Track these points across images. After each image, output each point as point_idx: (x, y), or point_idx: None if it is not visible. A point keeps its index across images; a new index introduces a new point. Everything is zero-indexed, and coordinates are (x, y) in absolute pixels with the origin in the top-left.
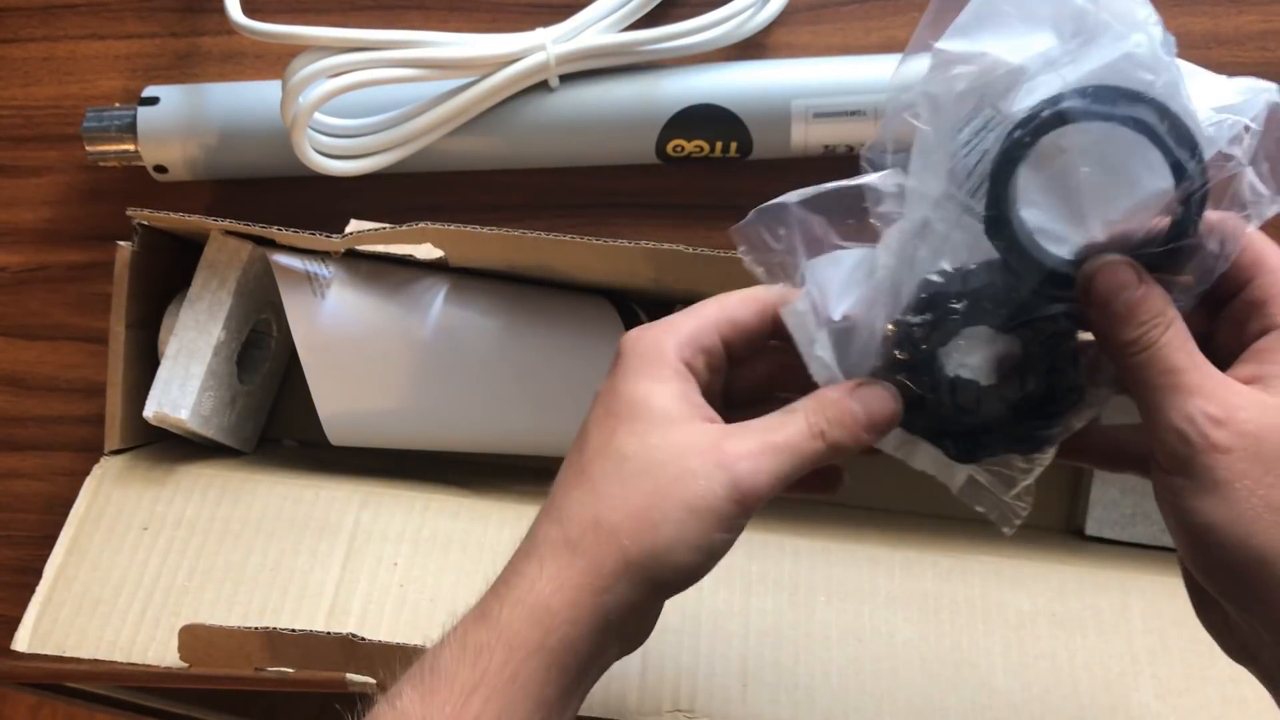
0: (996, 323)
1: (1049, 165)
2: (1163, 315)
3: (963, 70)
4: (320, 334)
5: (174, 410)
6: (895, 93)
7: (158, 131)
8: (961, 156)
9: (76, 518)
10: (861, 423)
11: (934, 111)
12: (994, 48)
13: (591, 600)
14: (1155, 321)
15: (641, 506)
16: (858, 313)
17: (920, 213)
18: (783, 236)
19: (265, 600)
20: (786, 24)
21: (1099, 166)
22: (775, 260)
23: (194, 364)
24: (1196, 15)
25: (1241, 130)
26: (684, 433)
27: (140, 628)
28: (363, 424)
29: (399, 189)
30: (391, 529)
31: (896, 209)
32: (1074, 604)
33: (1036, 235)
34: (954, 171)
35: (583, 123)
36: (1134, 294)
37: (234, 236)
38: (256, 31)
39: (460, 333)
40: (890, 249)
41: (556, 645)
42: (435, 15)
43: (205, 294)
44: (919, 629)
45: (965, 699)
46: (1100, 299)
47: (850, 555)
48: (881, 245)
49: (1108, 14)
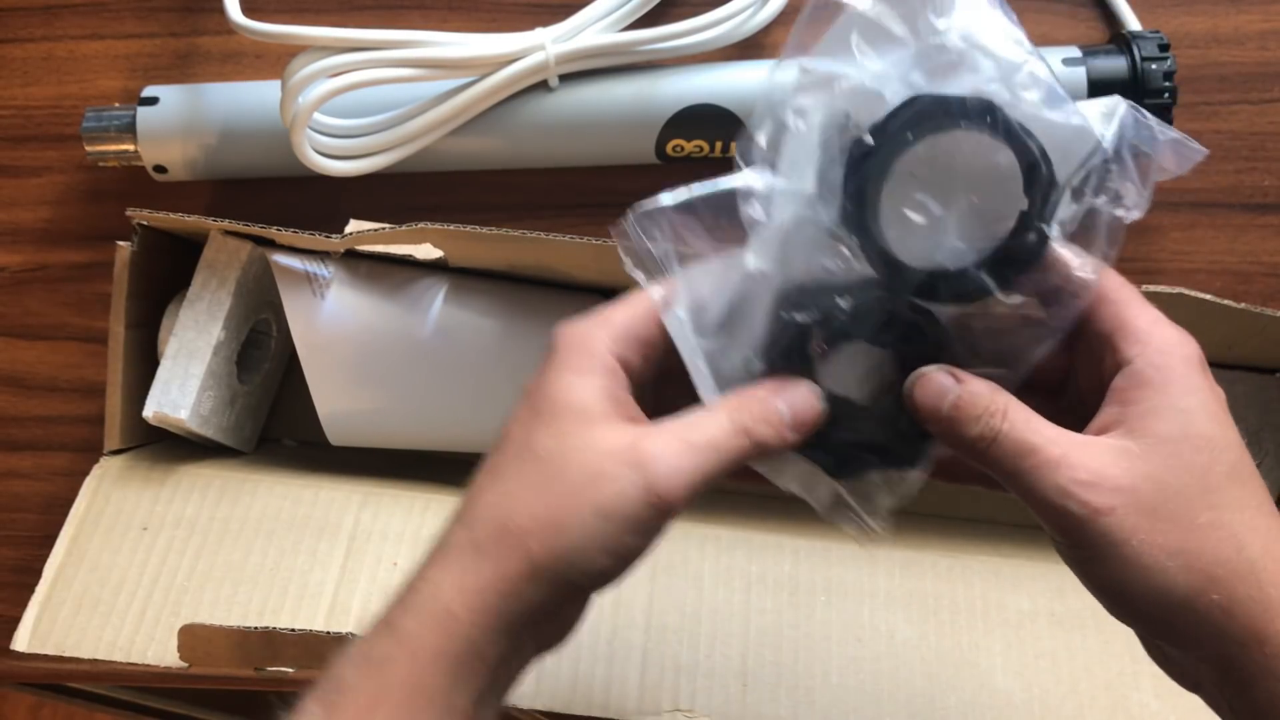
0: (868, 335)
1: (906, 172)
2: (992, 404)
3: (824, 86)
4: (320, 334)
5: (173, 410)
6: (767, 95)
7: (157, 131)
8: (825, 162)
9: (76, 518)
10: (787, 421)
11: (801, 117)
12: (855, 72)
13: (498, 603)
14: (989, 412)
15: (551, 510)
16: (731, 321)
17: (789, 215)
18: (658, 239)
19: (265, 600)
20: (786, 24)
21: (951, 171)
22: (653, 263)
23: (193, 364)
24: (1196, 15)
25: (1097, 142)
26: (602, 432)
27: (140, 627)
28: (362, 424)
29: (399, 189)
30: (391, 529)
31: (764, 212)
32: (1073, 604)
33: (896, 243)
34: (821, 176)
35: (582, 123)
36: (955, 395)
37: (234, 237)
38: (256, 31)
39: (460, 333)
40: (759, 253)
41: (461, 651)
42: (435, 15)
43: (205, 294)
44: (919, 629)
45: (965, 698)
46: (928, 412)
47: (850, 555)
48: (750, 249)
49: (965, 45)
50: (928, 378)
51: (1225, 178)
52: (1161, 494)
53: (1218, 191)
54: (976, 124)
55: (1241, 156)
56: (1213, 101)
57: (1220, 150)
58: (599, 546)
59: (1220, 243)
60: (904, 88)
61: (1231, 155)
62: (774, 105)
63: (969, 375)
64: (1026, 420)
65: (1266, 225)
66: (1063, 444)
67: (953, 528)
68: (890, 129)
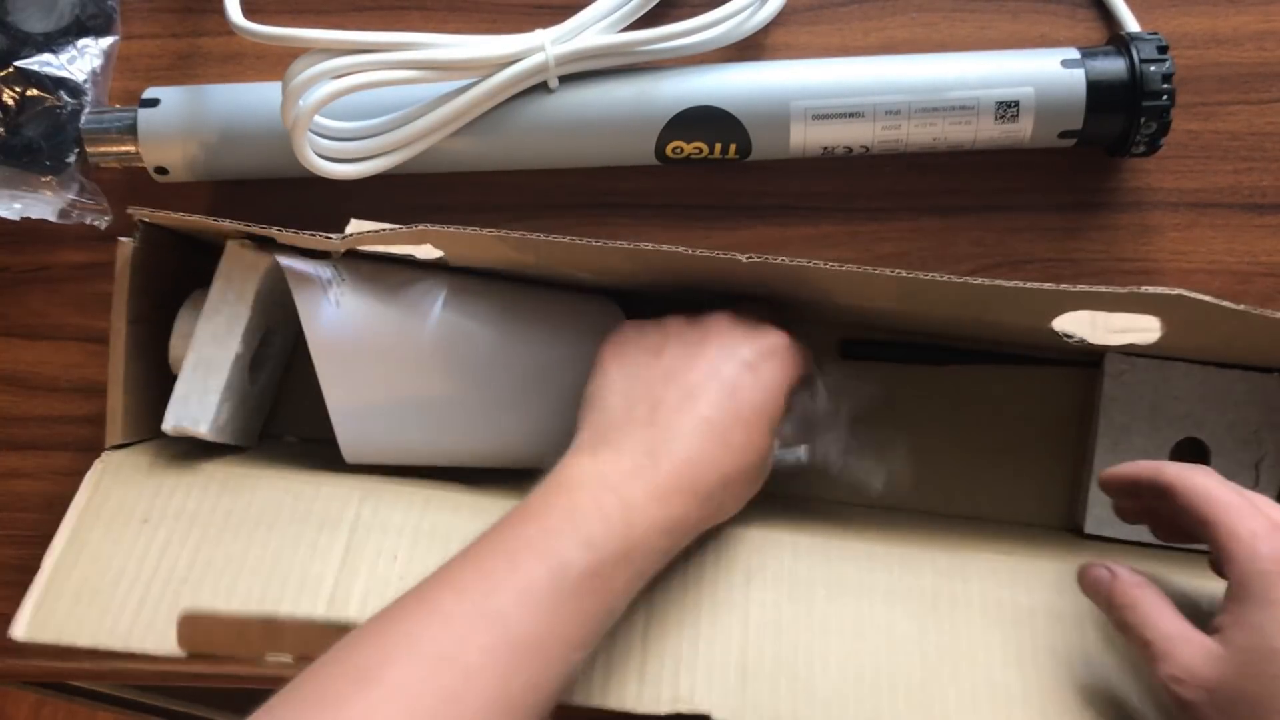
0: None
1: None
2: (1125, 598)
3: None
4: (336, 342)
5: (194, 425)
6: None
7: (158, 133)
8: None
9: (77, 510)
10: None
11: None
12: None
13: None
14: (1124, 606)
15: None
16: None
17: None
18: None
19: (265, 592)
20: (785, 24)
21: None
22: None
23: (212, 378)
24: (1194, 15)
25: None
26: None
27: (139, 616)
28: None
29: (399, 189)
30: (392, 523)
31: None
32: (1072, 600)
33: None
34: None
35: (582, 124)
36: (1106, 588)
37: (250, 249)
38: (256, 34)
39: (462, 336)
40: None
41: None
42: (435, 16)
43: (223, 307)
44: (918, 624)
45: (963, 693)
46: (1089, 593)
47: (850, 551)
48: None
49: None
50: (1089, 568)
51: (1224, 178)
52: (1238, 697)
53: (1216, 192)
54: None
55: (1240, 157)
56: (1211, 102)
57: (1219, 151)
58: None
59: (1219, 243)
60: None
61: (1230, 155)
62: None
63: (1120, 569)
64: (1147, 615)
65: (1265, 225)
66: (1172, 640)
67: (952, 524)
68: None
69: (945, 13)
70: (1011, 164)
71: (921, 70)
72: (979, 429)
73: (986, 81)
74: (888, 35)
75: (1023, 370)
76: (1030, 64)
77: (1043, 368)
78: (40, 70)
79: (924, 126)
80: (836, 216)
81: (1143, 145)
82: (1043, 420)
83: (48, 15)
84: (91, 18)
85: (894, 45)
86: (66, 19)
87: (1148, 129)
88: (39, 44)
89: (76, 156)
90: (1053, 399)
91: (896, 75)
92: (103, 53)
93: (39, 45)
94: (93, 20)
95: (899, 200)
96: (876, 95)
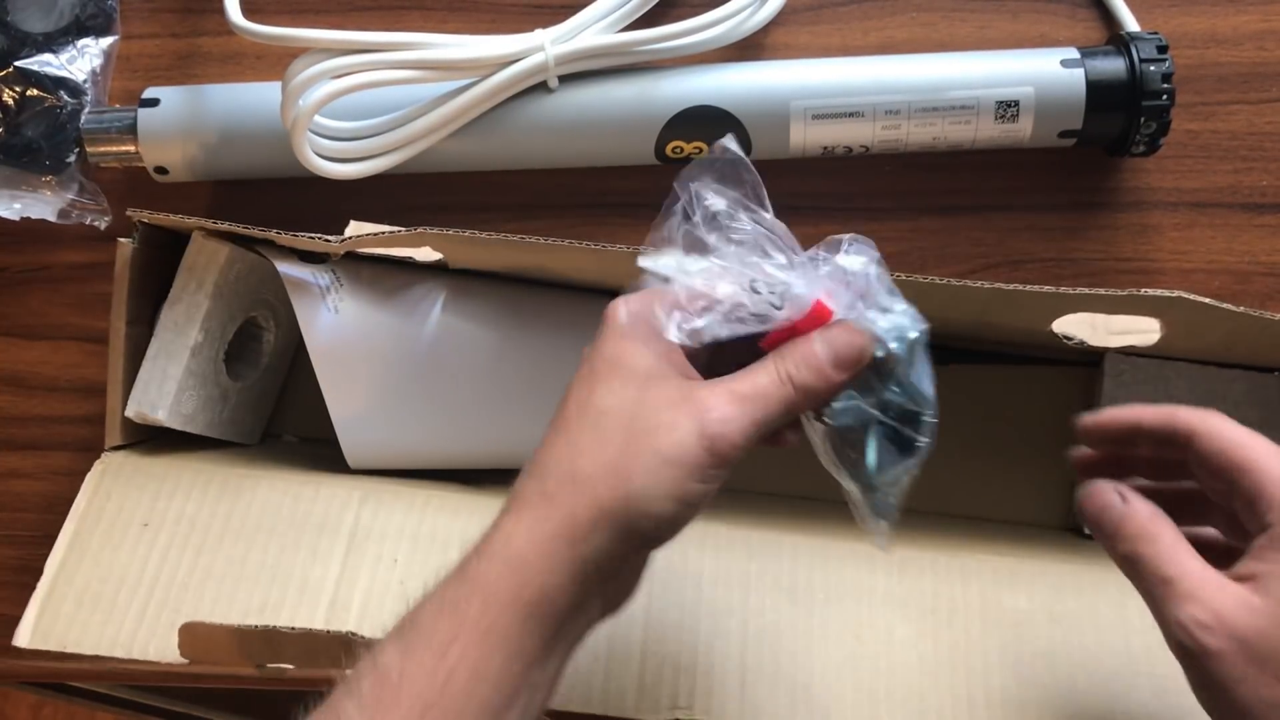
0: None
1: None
2: (1144, 530)
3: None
4: (336, 349)
5: (151, 410)
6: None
7: (158, 133)
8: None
9: (77, 513)
10: (827, 359)
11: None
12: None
13: (568, 550)
14: (1141, 537)
15: (617, 457)
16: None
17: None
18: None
19: (265, 597)
20: (784, 24)
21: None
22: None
23: (171, 365)
24: (1194, 15)
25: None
26: (659, 387)
27: (141, 624)
28: (379, 441)
29: (399, 190)
30: (391, 526)
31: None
32: (1071, 603)
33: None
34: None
35: (582, 124)
36: (1119, 513)
37: (213, 239)
38: (256, 34)
39: (461, 338)
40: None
41: (532, 596)
42: (435, 16)
43: (184, 296)
44: (917, 627)
45: (962, 697)
46: (1091, 520)
47: (849, 553)
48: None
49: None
50: (1098, 489)
51: (1223, 178)
52: (1272, 649)
53: (1216, 191)
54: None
55: (1239, 156)
56: (1211, 102)
57: (1218, 150)
58: (664, 492)
59: (1218, 242)
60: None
61: (1230, 155)
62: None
63: (1134, 495)
64: (1173, 550)
65: (1264, 225)
66: (1198, 581)
67: (951, 526)
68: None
69: (945, 13)
70: (1011, 164)
71: (921, 70)
72: (979, 429)
73: (986, 81)
74: (887, 35)
75: (1023, 370)
76: (1030, 64)
77: (1043, 368)
78: (40, 70)
79: (924, 126)
80: (836, 216)
81: (1142, 145)
82: (1043, 420)
83: (48, 15)
84: (91, 18)
85: (894, 45)
86: (66, 19)
87: (1147, 129)
88: (39, 44)
89: (76, 156)
90: (1053, 399)
91: (896, 75)
92: (103, 53)
93: (39, 45)
94: (93, 20)
95: (899, 200)
96: (876, 95)
